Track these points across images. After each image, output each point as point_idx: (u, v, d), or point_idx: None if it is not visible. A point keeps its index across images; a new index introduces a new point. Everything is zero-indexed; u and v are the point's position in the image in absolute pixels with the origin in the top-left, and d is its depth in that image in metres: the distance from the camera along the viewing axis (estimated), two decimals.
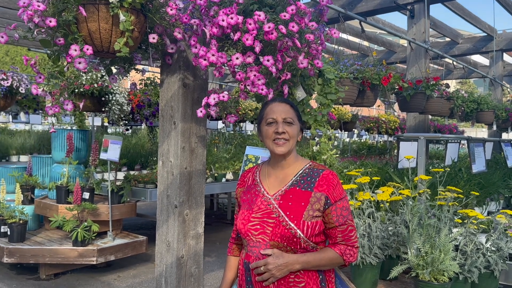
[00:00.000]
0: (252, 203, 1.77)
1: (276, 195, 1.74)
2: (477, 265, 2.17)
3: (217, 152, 7.13)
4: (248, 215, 1.75)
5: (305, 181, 1.73)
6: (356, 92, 4.26)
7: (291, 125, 1.76)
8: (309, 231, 1.65)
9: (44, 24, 2.06)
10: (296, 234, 1.64)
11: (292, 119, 1.76)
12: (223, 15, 2.13)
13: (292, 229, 1.64)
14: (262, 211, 1.72)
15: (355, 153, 11.73)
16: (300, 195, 1.70)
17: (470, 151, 3.37)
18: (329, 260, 1.69)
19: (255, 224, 1.71)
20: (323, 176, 1.72)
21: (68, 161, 5.30)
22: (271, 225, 1.68)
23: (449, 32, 8.09)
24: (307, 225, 1.64)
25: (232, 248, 1.98)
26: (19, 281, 4.70)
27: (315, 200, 1.68)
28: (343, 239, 1.70)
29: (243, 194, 1.86)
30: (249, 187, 1.85)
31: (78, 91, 4.91)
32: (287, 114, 1.76)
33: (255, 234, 1.70)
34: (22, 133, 10.54)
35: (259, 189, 1.80)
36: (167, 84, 2.78)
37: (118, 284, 4.72)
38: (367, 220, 2.38)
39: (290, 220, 1.65)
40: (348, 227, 1.70)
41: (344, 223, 1.69)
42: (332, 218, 1.68)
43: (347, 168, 3.85)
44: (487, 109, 6.82)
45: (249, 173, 1.92)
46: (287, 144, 1.75)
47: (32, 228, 5.42)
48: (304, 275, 1.66)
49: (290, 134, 1.75)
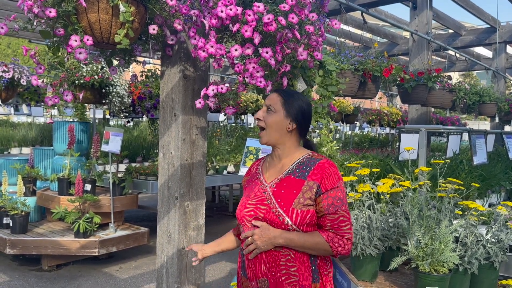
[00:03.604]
0: (251, 190, 1.80)
1: (272, 183, 1.75)
2: (477, 256, 2.17)
3: (219, 144, 7.14)
4: (245, 202, 1.77)
5: (300, 170, 1.72)
6: (357, 84, 4.24)
7: (271, 113, 1.74)
8: (298, 219, 1.64)
9: (44, 14, 2.05)
10: (284, 221, 1.64)
11: (274, 107, 1.74)
12: (222, 6, 2.11)
13: (281, 215, 1.65)
14: (257, 198, 1.74)
15: (357, 145, 11.70)
16: (294, 183, 1.70)
17: (471, 143, 3.36)
18: (315, 243, 1.64)
19: (249, 210, 1.73)
20: (318, 165, 1.70)
21: (70, 153, 5.31)
22: (262, 211, 1.69)
23: (452, 23, 8.03)
24: (296, 213, 1.64)
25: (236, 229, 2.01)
26: (21, 272, 4.73)
27: (307, 189, 1.67)
28: (332, 227, 1.65)
29: (247, 183, 1.90)
30: (252, 176, 1.88)
31: (78, 82, 4.90)
32: (270, 102, 1.75)
33: (249, 220, 1.73)
34: (24, 125, 10.57)
35: (259, 177, 1.82)
36: (168, 75, 2.77)
37: (120, 276, 4.75)
38: (367, 211, 2.38)
39: (280, 207, 1.66)
40: (340, 217, 1.66)
41: (335, 212, 1.65)
42: (323, 207, 1.65)
43: (348, 160, 3.84)
44: (489, 102, 6.78)
45: (255, 164, 1.95)
46: (264, 133, 1.75)
47: (34, 220, 5.45)
48: (295, 259, 1.66)
49: (266, 122, 1.74)
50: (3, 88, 5.27)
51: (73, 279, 4.60)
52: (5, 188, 5.21)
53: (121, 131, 4.85)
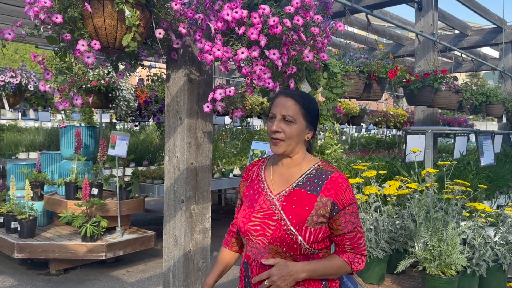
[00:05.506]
0: (254, 201, 1.66)
1: (280, 196, 1.61)
2: (485, 258, 2.15)
3: (224, 147, 7.14)
4: (249, 214, 1.64)
5: (311, 183, 1.59)
6: (362, 86, 4.23)
7: (291, 124, 1.59)
8: (312, 238, 1.54)
9: (50, 20, 2.07)
10: (297, 241, 1.53)
11: (293, 117, 1.58)
12: (227, 9, 2.12)
13: (293, 234, 1.53)
14: (264, 211, 1.60)
15: (363, 147, 11.66)
16: (305, 198, 1.57)
17: (478, 144, 3.34)
18: (337, 268, 1.58)
19: (255, 224, 1.60)
20: (331, 179, 1.57)
21: (77, 157, 5.34)
22: (271, 227, 1.56)
23: (457, 24, 8.00)
24: (309, 232, 1.53)
25: (231, 241, 1.85)
26: (29, 276, 4.76)
27: (320, 205, 1.55)
28: (351, 247, 1.59)
29: (246, 189, 1.74)
30: (253, 182, 1.73)
31: (85, 87, 4.93)
32: (287, 111, 1.58)
33: (254, 235, 1.60)
34: (31, 130, 10.64)
35: (263, 186, 1.68)
36: (173, 79, 2.78)
37: (127, 279, 4.76)
38: (374, 214, 2.37)
39: (292, 224, 1.53)
40: (357, 234, 1.58)
41: (353, 230, 1.57)
42: (341, 225, 1.56)
43: (355, 162, 3.84)
44: (497, 102, 6.73)
45: (254, 167, 1.79)
46: (283, 144, 1.59)
47: (41, 224, 5.48)
48: (305, 281, 1.56)
49: (286, 134, 1.58)
50: (11, 94, 5.32)
51: (81, 283, 4.62)
52: (13, 192, 5.25)
53: (127, 135, 4.87)
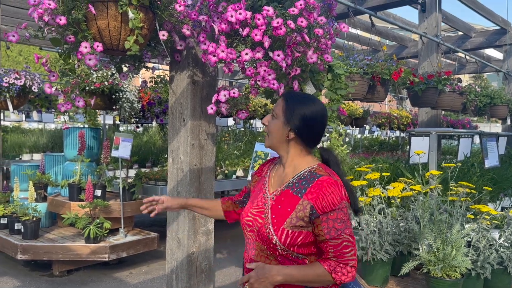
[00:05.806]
0: (255, 197, 1.72)
1: (273, 195, 1.65)
2: (490, 261, 2.14)
3: (228, 149, 7.14)
4: (248, 209, 1.70)
5: (299, 185, 1.58)
6: (366, 87, 4.23)
7: (274, 119, 1.65)
8: (288, 240, 1.52)
9: (54, 22, 2.08)
10: (273, 240, 1.54)
11: (277, 114, 1.64)
12: (231, 11, 2.12)
13: (270, 233, 1.54)
14: (259, 208, 1.65)
15: (366, 149, 11.65)
16: (290, 199, 1.57)
17: (482, 146, 3.33)
18: (316, 276, 1.50)
19: (250, 219, 1.66)
20: (316, 182, 1.53)
21: (80, 159, 5.35)
22: (259, 224, 1.61)
23: (461, 25, 7.98)
24: (286, 233, 1.52)
25: (226, 200, 1.95)
26: (32, 278, 4.76)
27: (301, 208, 1.52)
28: (335, 255, 1.49)
29: (256, 185, 1.79)
30: (262, 178, 1.78)
31: (89, 89, 4.95)
32: (275, 108, 1.67)
33: (248, 229, 1.67)
34: (35, 132, 10.67)
35: (265, 183, 1.73)
36: (176, 81, 2.78)
37: (130, 281, 4.76)
38: (378, 216, 2.36)
39: (272, 224, 1.55)
40: (343, 242, 1.49)
41: (337, 237, 1.48)
42: (322, 230, 1.49)
43: (358, 164, 3.83)
44: (501, 104, 6.72)
45: (266, 164, 1.84)
46: (267, 138, 1.69)
47: (45, 225, 5.48)
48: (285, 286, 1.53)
49: (268, 129, 1.67)
50: (15, 95, 5.34)
51: (84, 284, 4.62)
52: (16, 194, 5.26)
53: (131, 137, 4.88)
